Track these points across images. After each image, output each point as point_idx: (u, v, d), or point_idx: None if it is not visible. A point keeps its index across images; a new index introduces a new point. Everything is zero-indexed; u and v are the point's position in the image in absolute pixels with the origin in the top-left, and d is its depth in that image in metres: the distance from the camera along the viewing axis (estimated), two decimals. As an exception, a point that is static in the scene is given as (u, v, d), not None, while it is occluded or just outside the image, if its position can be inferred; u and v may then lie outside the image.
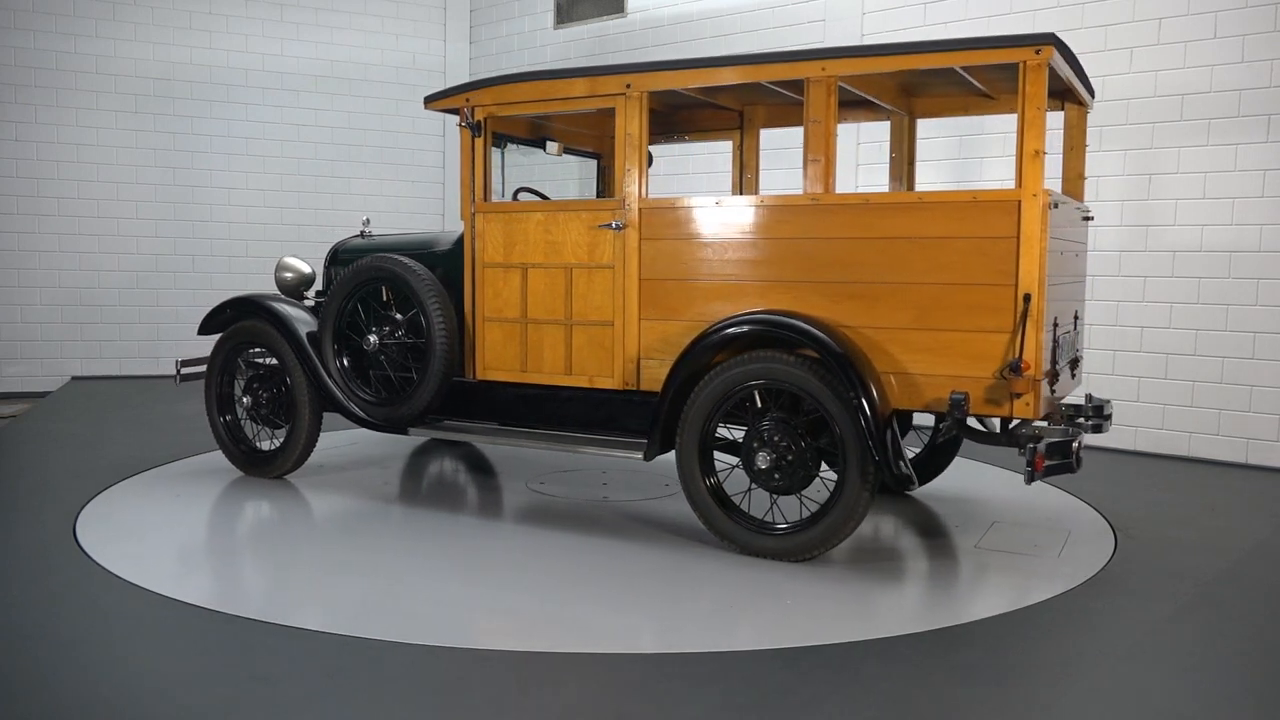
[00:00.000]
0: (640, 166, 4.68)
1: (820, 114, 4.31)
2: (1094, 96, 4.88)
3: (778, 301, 4.39)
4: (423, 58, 11.19)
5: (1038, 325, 3.92)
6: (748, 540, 4.36)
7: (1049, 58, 3.87)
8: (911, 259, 4.13)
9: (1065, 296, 4.46)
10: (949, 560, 4.44)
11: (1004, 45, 3.96)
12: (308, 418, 5.57)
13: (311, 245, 10.71)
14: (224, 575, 4.15)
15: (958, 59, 4.09)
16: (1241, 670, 3.31)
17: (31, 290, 9.75)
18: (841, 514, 4.17)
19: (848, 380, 4.07)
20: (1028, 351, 3.91)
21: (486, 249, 5.11)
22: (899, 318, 4.16)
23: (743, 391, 4.35)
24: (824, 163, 4.30)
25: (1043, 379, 4.02)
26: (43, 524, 4.78)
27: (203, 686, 3.05)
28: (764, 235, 4.42)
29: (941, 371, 4.09)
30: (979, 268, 4.00)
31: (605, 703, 2.97)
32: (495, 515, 5.12)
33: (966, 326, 4.04)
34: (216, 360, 5.86)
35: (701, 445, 4.44)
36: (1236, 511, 5.32)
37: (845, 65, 4.27)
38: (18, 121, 9.60)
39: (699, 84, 4.59)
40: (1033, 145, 3.89)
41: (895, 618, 3.72)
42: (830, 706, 2.96)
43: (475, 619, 3.72)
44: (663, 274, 4.65)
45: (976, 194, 4.02)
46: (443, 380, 5.06)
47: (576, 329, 4.87)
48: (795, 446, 4.27)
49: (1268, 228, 6.31)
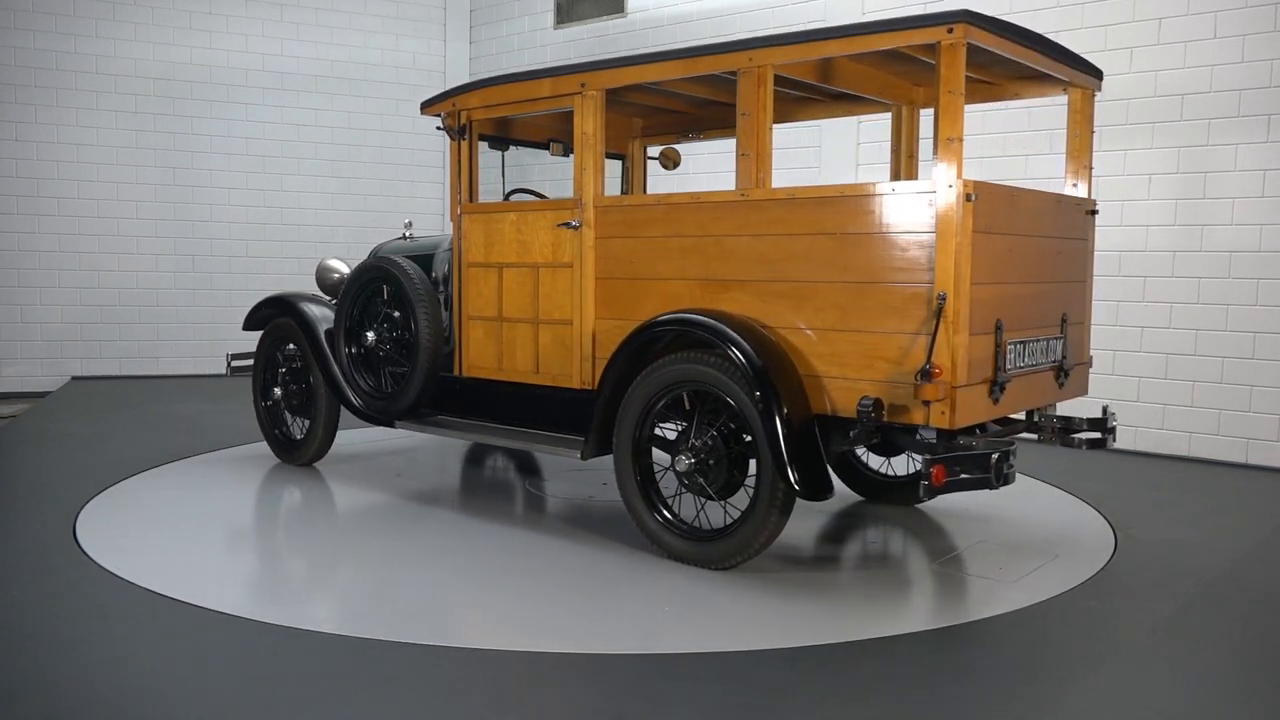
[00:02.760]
0: (596, 165, 4.64)
1: (749, 106, 4.12)
2: (1100, 78, 4.60)
3: (713, 300, 4.26)
4: (423, 58, 11.19)
5: (955, 327, 3.63)
6: (671, 544, 4.27)
7: (964, 37, 3.59)
8: (834, 256, 3.93)
9: (1036, 297, 4.17)
10: (927, 565, 4.44)
11: (916, 26, 3.71)
12: (325, 410, 5.85)
13: (311, 245, 10.74)
14: (224, 575, 4.15)
15: (872, 43, 3.85)
16: (1241, 670, 3.31)
17: (31, 290, 9.75)
18: (755, 524, 4.01)
19: (756, 382, 3.88)
20: (939, 355, 3.64)
21: (471, 249, 5.18)
22: (823, 318, 3.97)
23: (673, 392, 4.26)
24: (754, 157, 4.12)
25: (968, 386, 3.71)
26: (43, 524, 4.78)
27: (202, 686, 3.05)
28: (702, 233, 4.29)
29: (861, 376, 3.87)
30: (896, 265, 3.78)
31: (605, 703, 2.97)
32: (497, 515, 5.11)
33: (883, 328, 3.81)
34: (261, 354, 6.21)
35: (636, 446, 4.36)
36: (1236, 511, 5.32)
37: (770, 55, 4.06)
38: (18, 121, 9.61)
39: (644, 80, 4.50)
40: (948, 132, 3.63)
41: (893, 618, 3.72)
42: (830, 706, 2.96)
43: (475, 619, 3.72)
44: (615, 273, 4.60)
45: (894, 185, 3.81)
46: (427, 376, 5.24)
47: (543, 328, 4.88)
48: (717, 450, 4.13)
49: (1268, 228, 6.31)
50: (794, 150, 7.92)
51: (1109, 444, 4.52)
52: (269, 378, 6.14)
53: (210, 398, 8.84)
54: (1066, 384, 4.45)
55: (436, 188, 11.26)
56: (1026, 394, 4.17)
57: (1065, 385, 4.44)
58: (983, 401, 3.84)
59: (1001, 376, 3.88)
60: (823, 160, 8.08)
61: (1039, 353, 4.22)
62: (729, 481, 4.15)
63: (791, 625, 3.61)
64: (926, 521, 4.99)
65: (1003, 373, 3.89)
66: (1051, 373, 4.34)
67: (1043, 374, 4.28)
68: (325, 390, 5.79)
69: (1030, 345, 4.14)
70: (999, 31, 3.85)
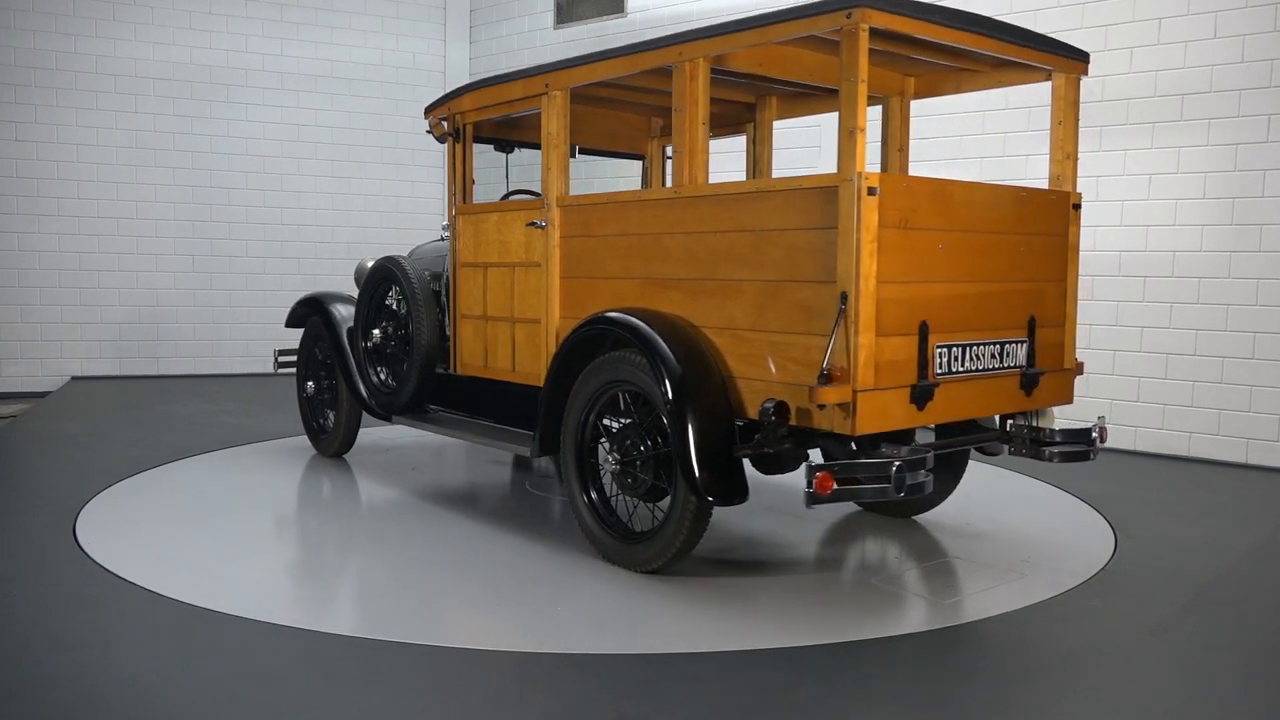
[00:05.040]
0: (560, 164, 4.63)
1: (680, 101, 4.03)
2: (1086, 60, 4.35)
3: (653, 300, 4.21)
4: (423, 58, 11.19)
5: (857, 328, 3.47)
6: (603, 543, 4.24)
7: (864, 22, 3.42)
8: (752, 254, 3.82)
9: (985, 297, 3.94)
10: (930, 563, 4.44)
11: (817, 13, 3.56)
12: (346, 405, 6.11)
13: (311, 245, 10.74)
14: (224, 575, 4.15)
15: (778, 32, 3.73)
16: (1241, 670, 3.30)
17: (31, 290, 9.75)
18: (671, 528, 3.94)
19: (667, 383, 3.79)
20: (836, 357, 3.50)
21: (463, 250, 5.24)
22: (745, 318, 3.86)
23: (609, 392, 4.21)
24: (685, 153, 4.04)
25: (876, 390, 3.53)
26: (42, 524, 4.78)
27: (202, 686, 3.05)
28: (644, 231, 4.24)
29: (775, 379, 3.75)
30: (805, 263, 3.63)
31: (605, 703, 2.97)
32: (499, 514, 5.11)
33: (794, 329, 3.68)
34: (302, 351, 6.56)
35: (579, 445, 4.34)
36: (1236, 511, 5.32)
37: (696, 49, 3.96)
38: (18, 121, 9.61)
39: (595, 78, 4.47)
40: (849, 122, 3.47)
41: (893, 618, 3.72)
42: (830, 706, 2.96)
43: (476, 619, 3.72)
44: (576, 272, 4.59)
45: (802, 180, 3.67)
46: (422, 373, 5.39)
47: (518, 326, 4.90)
48: (644, 451, 4.05)
49: (1268, 228, 6.31)
50: (795, 149, 7.91)
51: (1091, 457, 4.28)
52: (307, 373, 6.48)
53: (210, 398, 8.84)
54: (1037, 392, 4.16)
55: (436, 188, 11.26)
56: (971, 401, 3.92)
57: (1036, 393, 4.16)
58: (900, 408, 3.64)
59: (926, 382, 3.69)
60: (823, 159, 8.08)
61: (989, 357, 3.98)
62: (656, 483, 4.04)
63: (791, 625, 3.61)
64: (925, 522, 4.99)
65: (927, 378, 3.70)
66: (1012, 379, 4.07)
67: (998, 380, 4.01)
68: (343, 386, 6.02)
69: (976, 349, 3.92)
70: (912, 14, 3.62)
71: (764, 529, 4.84)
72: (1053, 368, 4.26)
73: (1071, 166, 4.35)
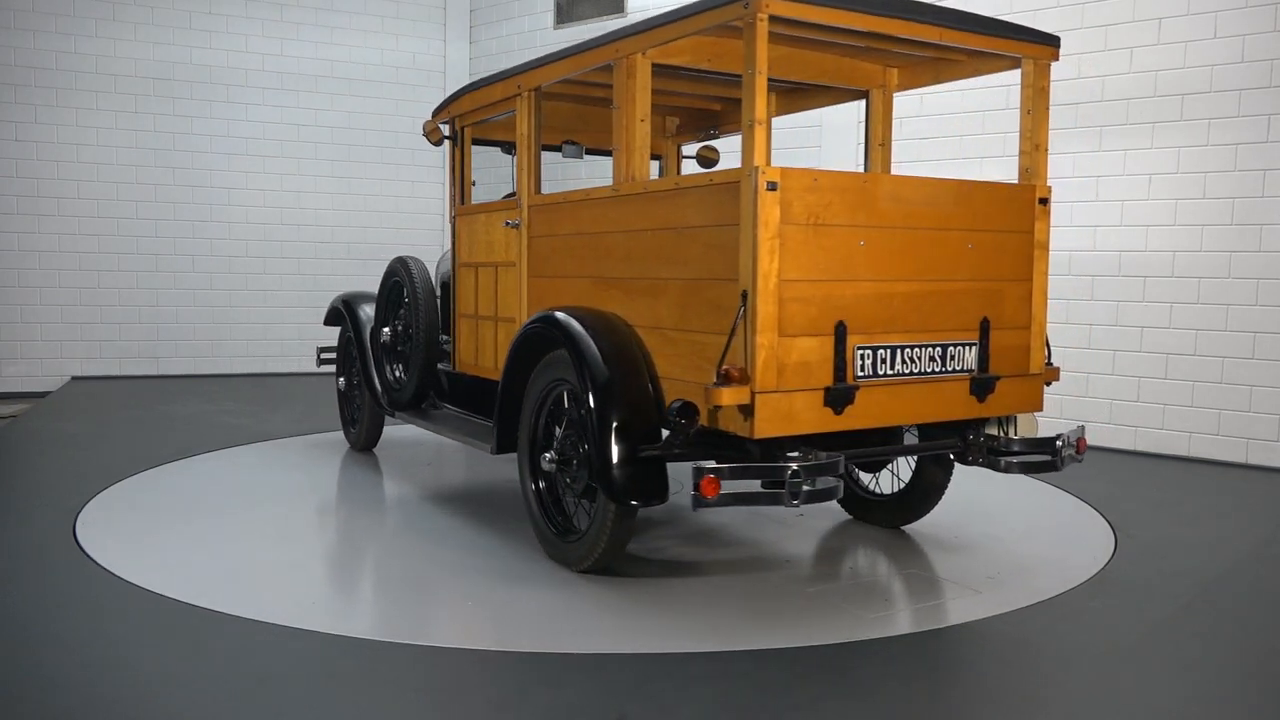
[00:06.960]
0: (531, 164, 4.63)
1: (619, 98, 3.99)
2: (1056, 45, 4.10)
3: (599, 298, 4.20)
4: (423, 58, 11.19)
5: (757, 328, 3.37)
6: (546, 541, 4.26)
7: (761, 11, 3.33)
8: (675, 252, 3.77)
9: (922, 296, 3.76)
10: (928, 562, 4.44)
11: (716, 5, 3.47)
12: (368, 401, 6.33)
13: (311, 245, 10.74)
14: (224, 575, 4.15)
15: (687, 26, 3.66)
16: (1241, 670, 3.31)
17: (31, 290, 9.75)
18: (595, 527, 3.92)
19: (585, 381, 3.77)
20: (734, 356, 3.41)
21: (460, 250, 5.34)
22: (670, 317, 3.80)
23: (554, 390, 4.19)
24: (624, 150, 3.98)
25: (781, 392, 3.44)
26: (43, 524, 4.78)
27: (202, 686, 3.05)
28: (593, 230, 4.24)
29: (691, 378, 3.67)
30: (717, 260, 3.55)
31: (605, 703, 2.97)
32: (499, 515, 5.11)
33: (708, 328, 3.60)
34: (340, 348, 6.81)
35: (532, 441, 4.34)
36: (1236, 511, 5.32)
37: (627, 45, 3.94)
38: (18, 121, 9.61)
39: (552, 78, 4.48)
40: (750, 115, 3.38)
41: (892, 619, 3.72)
42: (829, 706, 2.96)
43: (476, 619, 3.72)
44: (542, 270, 4.62)
45: (714, 175, 3.59)
46: (422, 370, 5.51)
47: (500, 325, 4.94)
48: (573, 449, 4.04)
49: (1268, 228, 6.31)
50: (794, 150, 7.91)
51: (1059, 467, 4.10)
52: (341, 369, 6.76)
53: (210, 398, 8.84)
54: (992, 398, 3.94)
55: (436, 188, 11.26)
56: (906, 406, 3.76)
57: (991, 399, 3.94)
58: (812, 411, 3.51)
59: (844, 385, 3.56)
60: (823, 157, 8.08)
61: (928, 360, 3.79)
62: (590, 483, 3.95)
63: (791, 625, 3.61)
64: (925, 523, 4.99)
65: (845, 380, 3.57)
66: (959, 383, 3.87)
67: (940, 384, 3.82)
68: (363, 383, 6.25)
69: (910, 351, 3.75)
70: (815, 1, 3.50)
71: (763, 532, 4.84)
72: (1013, 372, 4.02)
73: (1042, 159, 4.08)
